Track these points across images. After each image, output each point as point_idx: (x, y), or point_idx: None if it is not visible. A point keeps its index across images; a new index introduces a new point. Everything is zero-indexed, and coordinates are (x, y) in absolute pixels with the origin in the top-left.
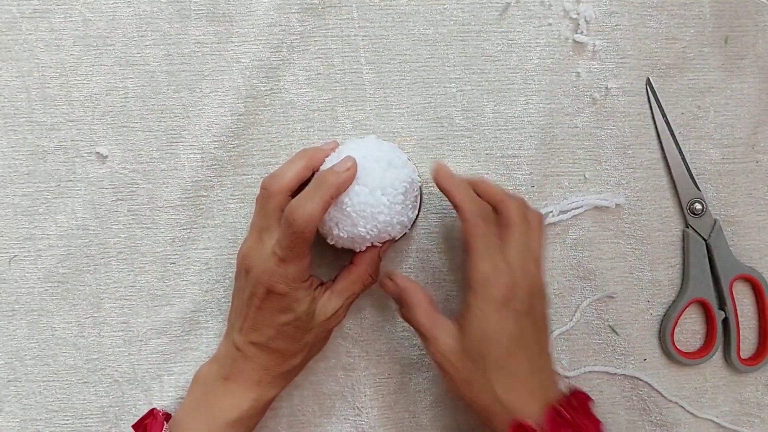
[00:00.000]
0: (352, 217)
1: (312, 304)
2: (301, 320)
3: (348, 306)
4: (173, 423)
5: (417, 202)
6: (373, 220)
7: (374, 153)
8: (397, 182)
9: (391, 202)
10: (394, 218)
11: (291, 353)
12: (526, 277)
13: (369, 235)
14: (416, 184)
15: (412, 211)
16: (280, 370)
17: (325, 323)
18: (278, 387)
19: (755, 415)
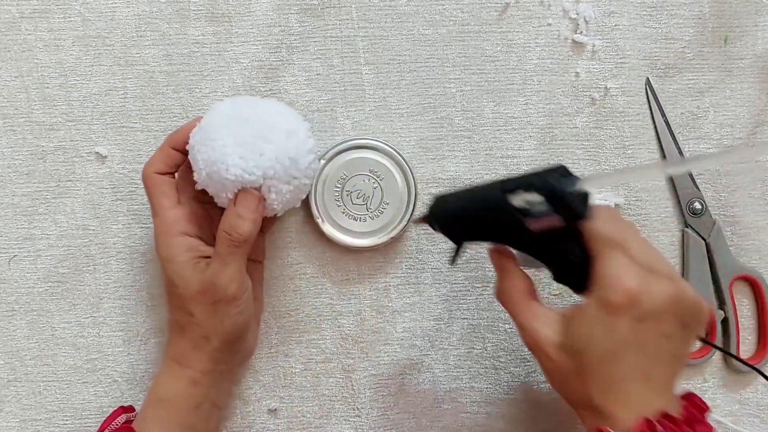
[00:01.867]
0: (195, 160)
1: (187, 266)
2: (175, 283)
3: (228, 273)
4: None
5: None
6: (197, 161)
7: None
8: (216, 117)
9: (207, 137)
10: (215, 154)
11: (181, 324)
12: (659, 283)
13: (200, 179)
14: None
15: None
16: (183, 346)
17: (206, 292)
18: (194, 368)
19: (755, 415)
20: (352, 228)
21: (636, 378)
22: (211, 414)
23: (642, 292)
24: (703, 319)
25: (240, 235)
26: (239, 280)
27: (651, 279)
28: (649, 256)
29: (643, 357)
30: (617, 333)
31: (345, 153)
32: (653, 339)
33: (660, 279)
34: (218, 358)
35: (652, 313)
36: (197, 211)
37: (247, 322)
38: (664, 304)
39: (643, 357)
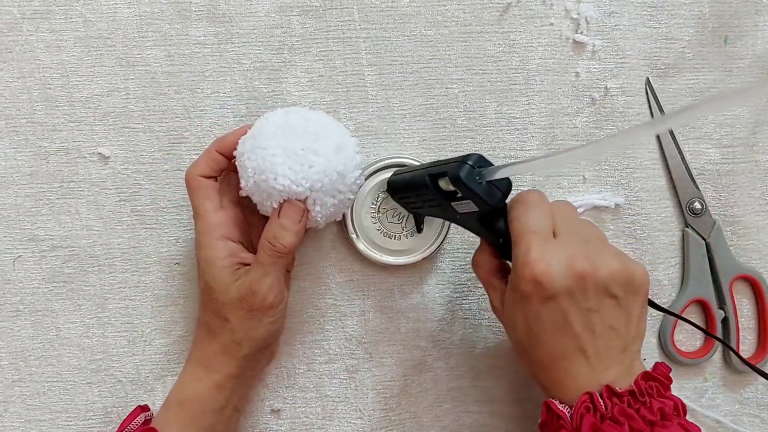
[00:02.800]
0: (244, 167)
1: (226, 271)
2: (213, 288)
3: (268, 282)
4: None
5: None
6: (245, 169)
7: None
8: (267, 127)
9: (257, 146)
10: (264, 163)
11: (213, 328)
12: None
13: (246, 186)
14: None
15: (308, 168)
16: (212, 349)
17: (244, 299)
18: (220, 371)
19: (755, 415)
20: (386, 246)
21: (571, 354)
22: (231, 417)
23: (548, 273)
24: (638, 287)
25: (283, 246)
26: (278, 290)
27: (561, 261)
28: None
29: (568, 334)
30: (531, 315)
31: (383, 171)
32: (576, 315)
33: (574, 259)
34: (245, 365)
35: (562, 291)
36: (238, 217)
37: (279, 330)
38: (575, 281)
39: (569, 334)
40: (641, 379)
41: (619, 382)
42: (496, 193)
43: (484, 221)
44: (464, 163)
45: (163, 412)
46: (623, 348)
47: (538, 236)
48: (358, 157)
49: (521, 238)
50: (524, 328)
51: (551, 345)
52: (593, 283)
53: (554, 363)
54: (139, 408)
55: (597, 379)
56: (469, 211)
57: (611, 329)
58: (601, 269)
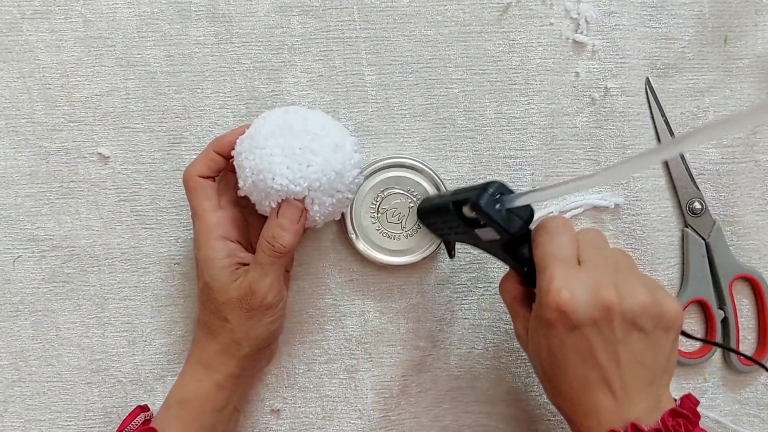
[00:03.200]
0: (242, 167)
1: (225, 271)
2: (212, 288)
3: (267, 281)
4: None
5: (320, 161)
6: (243, 169)
7: (292, 115)
8: (265, 127)
9: (254, 146)
10: (263, 163)
11: (213, 328)
12: (597, 293)
13: (245, 186)
14: (319, 139)
15: (306, 167)
16: (212, 349)
17: (244, 299)
18: (221, 371)
19: (755, 415)
20: (386, 246)
21: (595, 385)
22: (231, 417)
23: (572, 302)
24: (669, 322)
25: (282, 246)
26: (277, 289)
27: (585, 290)
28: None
29: (593, 364)
30: (556, 344)
31: (383, 171)
32: (601, 346)
33: (600, 288)
34: (245, 364)
35: (587, 321)
36: (237, 217)
37: (279, 330)
38: (600, 311)
39: (594, 364)
40: (668, 416)
41: (645, 418)
42: (516, 221)
43: (508, 248)
44: (484, 191)
45: (163, 412)
46: (650, 382)
47: (562, 264)
48: (356, 156)
49: (545, 266)
50: (548, 356)
51: (575, 375)
52: (619, 314)
53: (578, 394)
54: (138, 408)
55: (622, 415)
56: (492, 239)
57: (638, 363)
58: (629, 300)
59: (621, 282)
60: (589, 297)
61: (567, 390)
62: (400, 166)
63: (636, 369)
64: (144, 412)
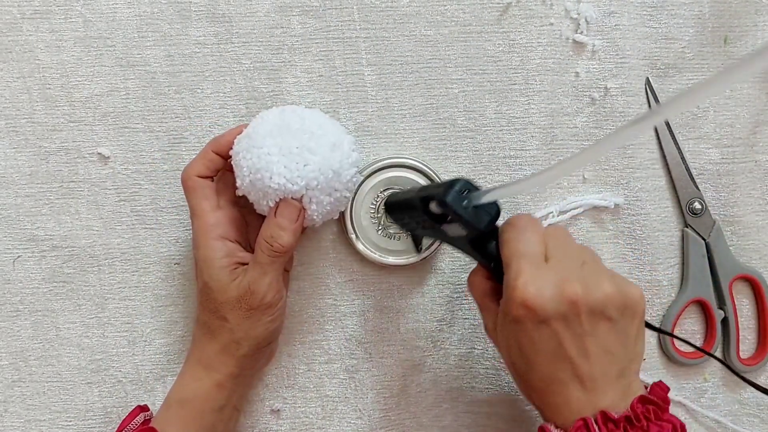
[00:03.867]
0: (239, 166)
1: (224, 271)
2: (211, 288)
3: (266, 281)
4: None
5: (318, 159)
6: (240, 168)
7: (289, 114)
8: (262, 126)
9: (252, 145)
10: (260, 162)
11: (212, 328)
12: (563, 288)
13: (242, 185)
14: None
15: (303, 166)
16: (212, 349)
17: (243, 298)
18: (221, 371)
19: (755, 415)
20: (386, 246)
21: (565, 379)
22: (231, 416)
23: (538, 297)
24: (634, 308)
25: (281, 246)
26: (276, 289)
27: (551, 285)
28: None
29: (562, 358)
30: (524, 339)
31: (383, 171)
32: (570, 340)
33: (565, 283)
34: (245, 364)
35: (554, 316)
36: (236, 216)
37: (278, 329)
38: (567, 305)
39: (563, 358)
40: (638, 403)
41: (615, 407)
42: (483, 217)
43: (475, 244)
44: (451, 188)
45: (162, 412)
46: (620, 371)
47: (528, 260)
48: (354, 155)
49: (511, 262)
50: (517, 351)
51: (545, 369)
52: (586, 306)
53: (548, 387)
54: (138, 408)
55: (592, 404)
56: (459, 235)
57: (607, 353)
58: (595, 292)
59: (587, 276)
60: (555, 292)
61: (537, 383)
62: (400, 166)
63: (605, 359)
64: (144, 412)
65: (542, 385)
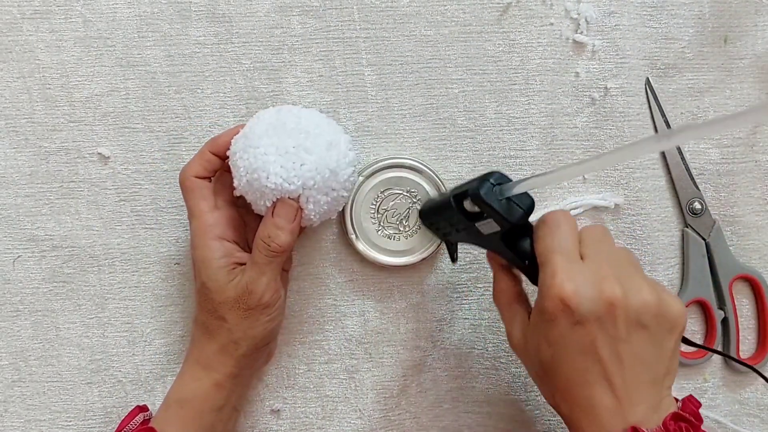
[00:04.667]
0: (236, 166)
1: (222, 271)
2: (209, 288)
3: (264, 281)
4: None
5: (314, 159)
6: (237, 168)
7: (286, 114)
8: (258, 126)
9: (248, 145)
10: (257, 162)
11: (210, 328)
12: (599, 286)
13: (240, 186)
14: (312, 137)
15: (300, 166)
16: (210, 349)
17: (241, 298)
18: (219, 371)
19: (755, 415)
20: (386, 246)
21: (595, 381)
22: (230, 416)
23: (576, 296)
24: (673, 322)
25: (278, 246)
26: (274, 289)
27: (589, 284)
28: (604, 260)
29: (594, 359)
30: (557, 338)
31: (383, 171)
32: (604, 342)
33: (604, 283)
34: (244, 363)
35: (590, 316)
36: (234, 216)
37: (277, 329)
38: (604, 307)
39: (595, 359)
40: (671, 420)
41: (646, 421)
42: (516, 210)
43: (509, 241)
44: (485, 180)
45: (162, 412)
46: (652, 382)
47: (564, 257)
48: (350, 154)
49: (547, 259)
50: (548, 352)
51: (575, 369)
52: (623, 311)
53: (576, 388)
54: (137, 408)
55: (623, 416)
56: (493, 231)
57: (640, 362)
58: (633, 297)
59: (625, 279)
60: (593, 292)
61: (565, 385)
62: (400, 166)
63: (638, 368)
64: (143, 412)
65: (570, 386)
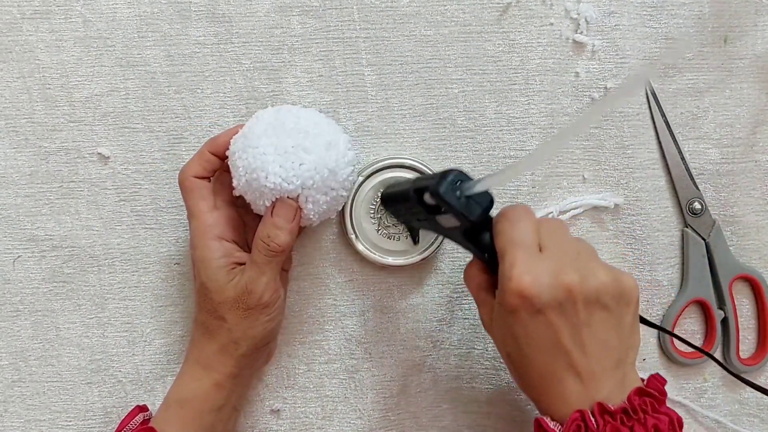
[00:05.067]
0: (235, 166)
1: (221, 271)
2: (208, 288)
3: (264, 281)
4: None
5: (313, 158)
6: (236, 168)
7: (285, 114)
8: (257, 125)
9: (247, 145)
10: (256, 162)
11: (210, 328)
12: (559, 277)
13: (239, 185)
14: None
15: (299, 165)
16: (210, 349)
17: (240, 298)
18: (219, 371)
19: (755, 415)
20: (386, 246)
21: (561, 372)
22: (230, 416)
23: (534, 286)
24: (629, 296)
25: (277, 245)
26: (273, 288)
27: (547, 274)
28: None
29: (558, 350)
30: (520, 330)
31: (383, 171)
32: (566, 330)
33: (561, 272)
34: (244, 363)
35: (550, 304)
36: (233, 216)
37: (276, 328)
38: (563, 293)
39: (559, 350)
40: (635, 395)
41: (612, 398)
42: (475, 208)
43: (469, 236)
44: (443, 178)
45: (162, 412)
46: (616, 362)
47: (523, 250)
48: (350, 154)
49: (506, 252)
50: (513, 343)
51: (541, 362)
52: (582, 295)
53: (544, 380)
54: (137, 408)
55: (589, 396)
56: (453, 226)
57: (603, 343)
58: (591, 281)
59: (581, 266)
60: (551, 281)
61: (533, 376)
62: (400, 166)
63: (601, 350)
64: (143, 412)
65: (538, 378)
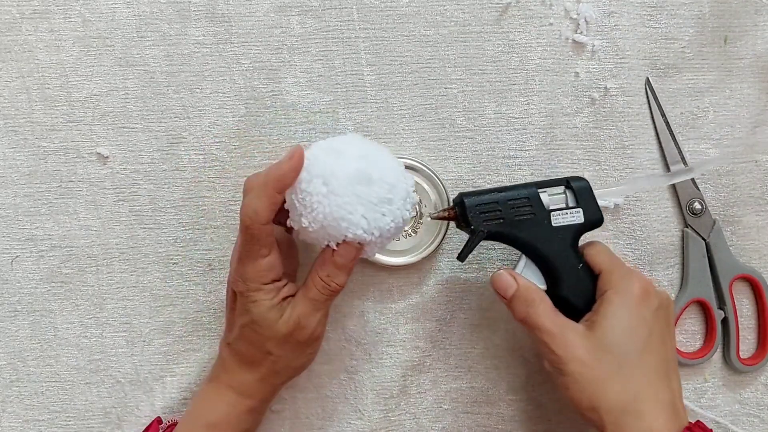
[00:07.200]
0: (296, 206)
1: (273, 309)
2: (259, 324)
3: (317, 317)
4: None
5: (393, 210)
6: (312, 210)
7: (339, 145)
8: (341, 172)
9: (330, 192)
10: (339, 212)
11: (253, 359)
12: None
13: (311, 227)
14: (394, 189)
15: (381, 216)
16: (250, 378)
17: (291, 334)
18: (255, 398)
19: (755, 415)
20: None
21: (661, 373)
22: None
23: (651, 284)
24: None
25: (338, 286)
26: (324, 323)
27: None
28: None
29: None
30: (646, 320)
31: None
32: (670, 336)
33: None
34: (279, 389)
35: (659, 307)
36: (281, 252)
37: (315, 355)
38: (663, 300)
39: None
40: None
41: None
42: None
43: (577, 239)
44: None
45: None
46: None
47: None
48: (415, 197)
49: (616, 260)
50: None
51: (661, 352)
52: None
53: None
54: (155, 421)
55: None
56: (569, 224)
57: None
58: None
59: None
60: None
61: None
62: None
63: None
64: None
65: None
